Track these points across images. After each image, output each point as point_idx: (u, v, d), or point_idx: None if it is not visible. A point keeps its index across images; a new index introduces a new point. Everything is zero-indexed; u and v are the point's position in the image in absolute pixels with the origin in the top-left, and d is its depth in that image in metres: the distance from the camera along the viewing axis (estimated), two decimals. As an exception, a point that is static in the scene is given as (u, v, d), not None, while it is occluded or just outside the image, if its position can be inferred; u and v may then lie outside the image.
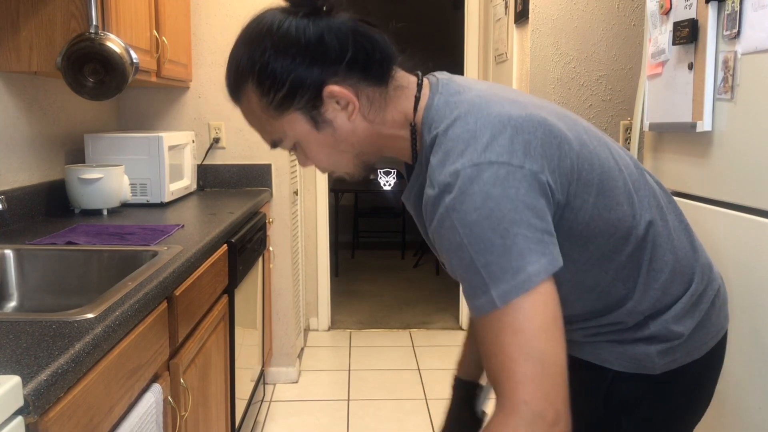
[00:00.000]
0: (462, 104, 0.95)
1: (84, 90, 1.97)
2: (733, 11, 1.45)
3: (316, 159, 1.02)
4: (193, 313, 1.72)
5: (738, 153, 1.47)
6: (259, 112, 0.98)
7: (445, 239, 0.88)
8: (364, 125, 0.98)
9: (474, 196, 0.85)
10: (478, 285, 0.86)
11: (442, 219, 0.88)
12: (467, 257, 0.86)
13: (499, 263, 0.84)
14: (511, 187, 0.86)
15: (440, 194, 0.88)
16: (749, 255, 1.43)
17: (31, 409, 0.87)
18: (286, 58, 0.94)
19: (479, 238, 0.85)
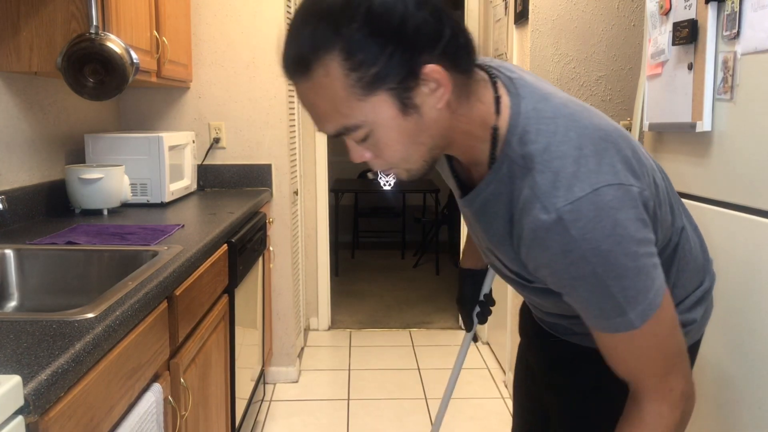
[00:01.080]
0: (556, 116, 0.92)
1: (84, 90, 1.97)
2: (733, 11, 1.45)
3: (390, 149, 0.89)
4: (194, 312, 1.72)
5: (738, 153, 1.48)
6: (339, 90, 0.83)
7: (572, 269, 0.86)
8: (447, 116, 0.89)
9: (603, 225, 0.84)
10: (612, 309, 0.88)
11: (567, 249, 0.85)
12: (600, 285, 0.86)
13: (634, 286, 0.87)
14: (630, 209, 0.87)
15: (559, 222, 0.84)
16: (749, 255, 1.43)
17: (31, 409, 0.87)
18: (387, 28, 0.81)
19: (614, 265, 0.85)
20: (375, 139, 0.88)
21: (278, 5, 3.05)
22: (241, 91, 3.08)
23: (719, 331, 1.53)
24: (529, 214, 0.88)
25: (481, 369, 3.43)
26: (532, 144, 0.90)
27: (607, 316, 0.89)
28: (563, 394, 1.21)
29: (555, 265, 0.88)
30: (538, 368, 1.30)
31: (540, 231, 0.86)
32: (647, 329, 0.89)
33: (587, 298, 0.89)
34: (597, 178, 0.86)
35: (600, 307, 0.89)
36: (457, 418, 2.89)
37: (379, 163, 0.92)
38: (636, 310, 0.88)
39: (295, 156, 3.40)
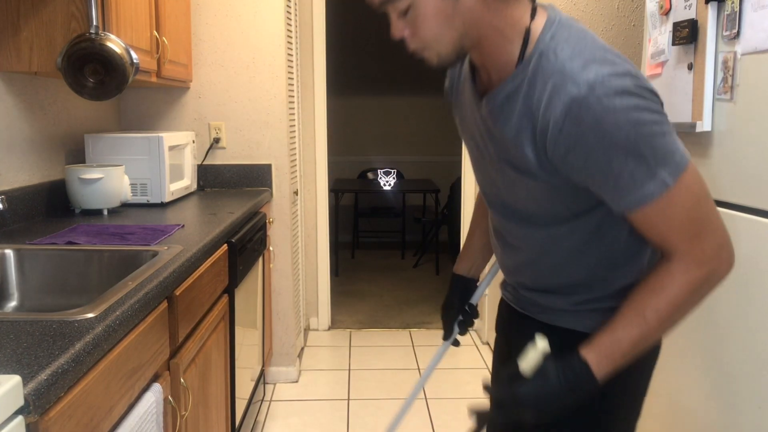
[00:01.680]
0: (587, 32, 1.03)
1: (84, 90, 1.97)
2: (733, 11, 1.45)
3: (426, 26, 1.01)
4: (194, 312, 1.72)
5: (737, 153, 1.47)
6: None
7: (605, 139, 0.94)
8: (483, 8, 1.00)
9: (631, 95, 0.94)
10: (644, 173, 0.96)
11: (600, 118, 0.93)
12: (633, 149, 0.94)
13: (663, 147, 0.96)
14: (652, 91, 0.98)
15: (591, 93, 0.93)
16: (749, 255, 1.43)
17: (31, 409, 0.87)
18: None
19: (643, 129, 0.95)
20: (414, 14, 1.00)
21: (278, 5, 3.05)
22: (241, 91, 3.08)
23: (719, 330, 1.53)
24: (559, 94, 0.95)
25: (482, 369, 3.44)
26: (564, 42, 0.99)
27: (641, 183, 0.96)
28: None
29: (588, 139, 0.95)
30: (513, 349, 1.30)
31: (573, 105, 0.94)
32: (678, 190, 0.97)
33: (620, 170, 0.96)
34: (623, 66, 0.97)
35: (633, 176, 0.96)
36: (457, 419, 2.89)
37: (414, 42, 1.04)
38: (667, 169, 0.96)
39: (295, 156, 3.40)
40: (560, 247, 1.14)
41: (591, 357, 1.03)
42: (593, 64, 0.95)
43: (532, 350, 1.08)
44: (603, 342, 1.04)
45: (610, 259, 1.13)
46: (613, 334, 1.03)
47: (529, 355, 1.08)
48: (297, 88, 3.48)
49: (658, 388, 1.83)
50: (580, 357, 1.03)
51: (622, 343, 1.03)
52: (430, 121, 6.41)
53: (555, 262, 1.16)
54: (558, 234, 1.13)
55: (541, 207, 1.11)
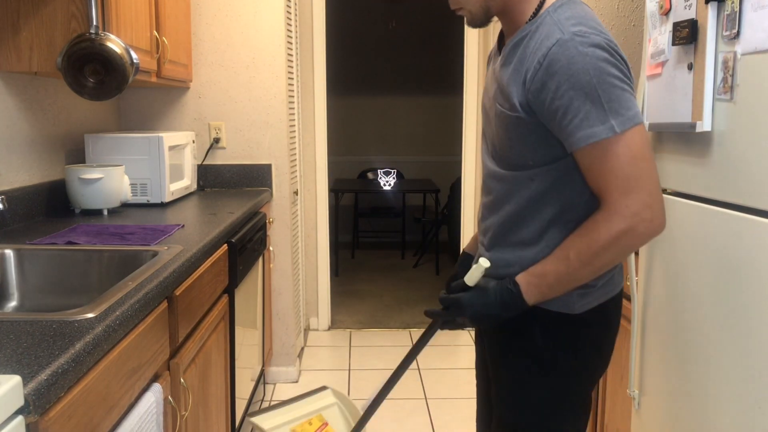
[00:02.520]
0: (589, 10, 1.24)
1: (84, 90, 1.97)
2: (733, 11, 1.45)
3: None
4: (194, 312, 1.72)
5: (738, 153, 1.48)
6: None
7: (572, 79, 1.11)
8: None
9: (603, 50, 1.12)
10: (597, 116, 1.11)
11: (573, 61, 1.11)
12: (592, 93, 1.10)
13: (619, 100, 1.11)
14: (621, 55, 1.16)
15: (571, 39, 1.12)
16: (749, 255, 1.43)
17: (31, 409, 0.87)
18: None
19: (606, 79, 1.10)
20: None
21: (278, 5, 3.05)
22: (241, 91, 3.08)
23: (719, 330, 1.53)
24: (548, 38, 1.14)
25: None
26: (567, 9, 1.19)
27: (592, 123, 1.11)
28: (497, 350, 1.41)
29: (559, 76, 1.12)
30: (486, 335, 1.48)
31: (554, 47, 1.13)
32: (622, 141, 1.11)
33: (578, 109, 1.11)
34: (607, 35, 1.15)
35: (588, 116, 1.11)
36: (457, 419, 2.89)
37: (453, 2, 1.29)
38: (617, 120, 1.11)
39: (295, 156, 3.40)
40: (521, 194, 1.28)
41: (522, 281, 1.23)
42: (582, 24, 1.14)
43: (476, 268, 1.28)
44: (534, 272, 1.23)
45: (563, 218, 1.26)
46: (543, 267, 1.22)
47: (473, 271, 1.28)
48: (297, 88, 3.48)
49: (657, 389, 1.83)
50: (512, 279, 1.24)
51: (548, 276, 1.21)
52: (430, 121, 6.41)
53: (514, 210, 1.30)
54: (521, 178, 1.27)
55: (514, 147, 1.26)
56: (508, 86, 1.22)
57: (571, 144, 1.16)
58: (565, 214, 1.26)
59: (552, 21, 1.17)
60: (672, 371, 1.76)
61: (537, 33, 1.19)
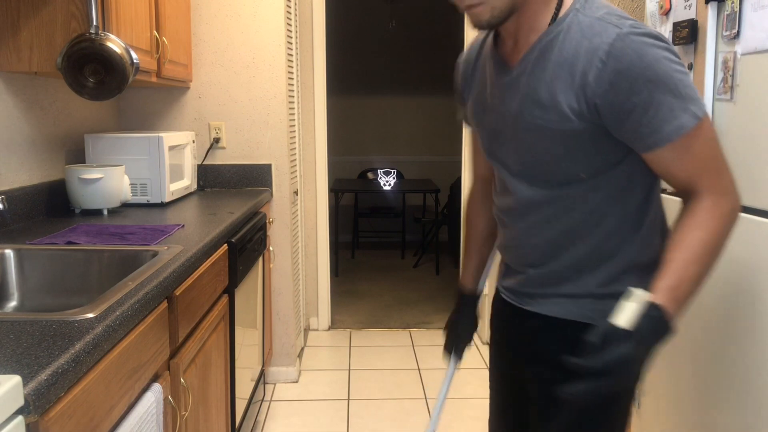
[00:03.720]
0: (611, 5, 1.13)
1: (84, 90, 1.97)
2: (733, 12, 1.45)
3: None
4: (194, 312, 1.72)
5: (738, 153, 1.48)
6: None
7: (648, 71, 1.02)
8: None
9: (662, 43, 1.05)
10: (680, 106, 1.04)
11: (643, 52, 1.03)
12: (670, 82, 1.03)
13: (690, 86, 1.05)
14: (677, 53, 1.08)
15: (632, 31, 1.04)
16: (749, 255, 1.43)
17: (31, 409, 0.87)
18: None
19: (677, 68, 1.04)
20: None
21: (278, 5, 3.05)
22: (241, 91, 3.08)
23: (719, 331, 1.53)
24: (601, 36, 1.04)
25: (482, 369, 3.44)
26: (595, 6, 1.09)
27: (677, 114, 1.04)
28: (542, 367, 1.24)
29: (632, 71, 1.03)
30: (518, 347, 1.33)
31: (617, 42, 1.03)
32: (704, 126, 1.06)
33: (660, 102, 1.03)
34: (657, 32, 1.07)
35: (671, 108, 1.03)
36: (457, 419, 2.89)
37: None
38: (695, 106, 1.05)
39: (295, 156, 3.40)
40: (574, 209, 1.17)
41: (665, 302, 1.02)
42: (626, 18, 1.06)
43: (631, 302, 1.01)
44: (669, 284, 1.04)
45: (619, 229, 1.17)
46: (674, 277, 1.04)
47: (628, 307, 1.00)
48: (297, 88, 3.48)
49: (658, 389, 1.83)
50: (658, 305, 1.01)
51: (683, 283, 1.04)
52: (430, 121, 6.41)
53: (567, 228, 1.18)
54: (574, 194, 1.16)
55: (561, 163, 1.14)
56: (552, 97, 1.09)
57: (657, 141, 1.06)
58: (624, 220, 1.17)
59: (591, 20, 1.07)
60: (672, 371, 1.76)
61: (573, 33, 1.08)
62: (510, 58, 1.17)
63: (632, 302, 1.00)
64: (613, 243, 1.18)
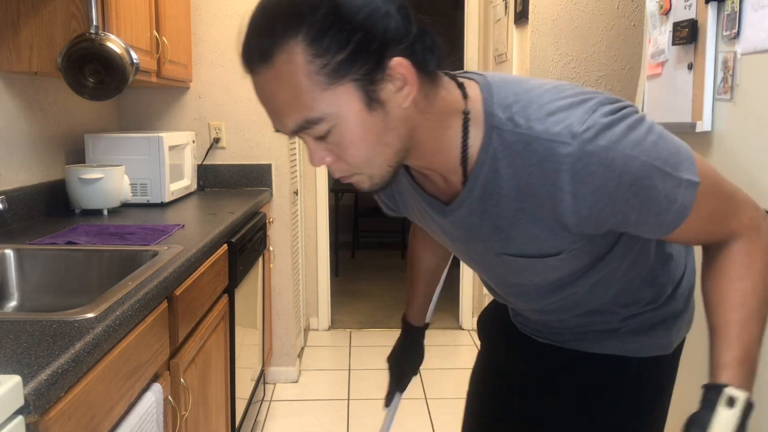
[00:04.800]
0: (525, 78, 0.93)
1: (84, 90, 1.97)
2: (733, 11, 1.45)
3: (354, 149, 0.83)
4: (194, 312, 1.72)
5: (737, 153, 1.47)
6: (302, 78, 0.78)
7: (624, 176, 0.84)
8: (414, 114, 0.85)
9: (619, 123, 0.85)
10: (671, 186, 0.86)
11: (609, 159, 0.83)
12: (654, 170, 0.85)
13: (668, 150, 0.87)
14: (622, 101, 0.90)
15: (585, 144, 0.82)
16: (749, 255, 1.43)
17: (31, 409, 0.87)
18: (356, 17, 0.78)
19: (648, 146, 0.85)
20: (338, 135, 0.82)
21: (278, 5, 3.04)
22: (241, 91, 3.07)
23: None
24: (551, 162, 0.84)
25: (481, 369, 3.43)
26: (515, 105, 0.87)
27: (672, 197, 0.87)
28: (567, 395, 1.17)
29: (608, 187, 0.84)
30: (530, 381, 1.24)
31: (574, 165, 0.83)
32: (703, 182, 0.89)
33: (652, 196, 0.86)
34: (583, 96, 0.88)
35: (666, 194, 0.87)
36: (457, 419, 2.89)
37: (340, 167, 0.86)
38: (684, 169, 0.88)
39: (295, 156, 3.40)
40: (595, 287, 1.05)
41: (737, 377, 0.87)
42: (559, 113, 0.85)
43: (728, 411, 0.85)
44: (737, 360, 0.88)
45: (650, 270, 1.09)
46: (739, 346, 0.88)
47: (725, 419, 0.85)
48: (297, 88, 3.47)
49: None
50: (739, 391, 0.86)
51: (752, 350, 0.89)
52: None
53: (592, 300, 1.08)
54: (589, 280, 1.04)
55: (563, 270, 1.01)
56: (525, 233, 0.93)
57: (663, 232, 0.92)
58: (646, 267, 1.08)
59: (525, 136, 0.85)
60: (672, 371, 1.76)
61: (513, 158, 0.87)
62: (443, 193, 0.98)
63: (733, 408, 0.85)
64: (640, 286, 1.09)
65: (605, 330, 1.12)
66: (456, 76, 0.92)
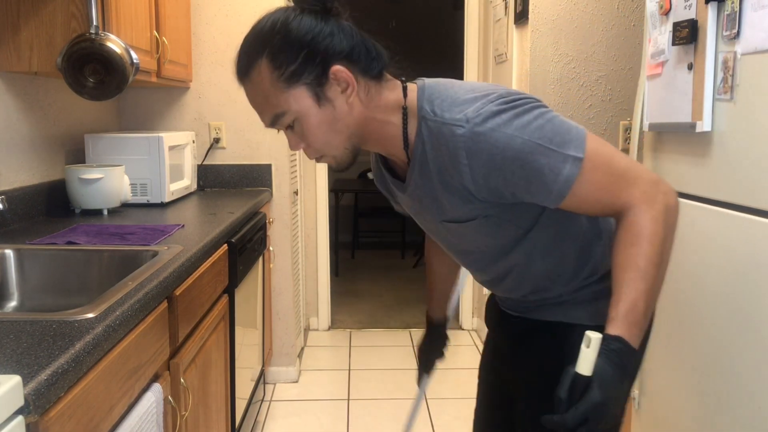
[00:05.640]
0: (457, 81, 1.16)
1: (84, 90, 1.97)
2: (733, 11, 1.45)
3: (312, 135, 1.11)
4: (194, 312, 1.72)
5: (737, 153, 1.48)
6: (268, 85, 1.09)
7: (508, 152, 1.04)
8: (360, 108, 1.11)
9: (506, 107, 1.05)
10: (556, 161, 1.04)
11: (495, 140, 1.03)
12: (537, 148, 1.03)
13: (556, 131, 1.05)
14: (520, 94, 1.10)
15: (475, 126, 1.04)
16: (749, 255, 1.43)
17: (31, 409, 0.87)
18: (302, 39, 1.07)
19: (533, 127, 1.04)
20: (300, 126, 1.10)
21: (278, 5, 3.04)
22: (241, 92, 3.03)
23: (719, 331, 1.53)
24: (453, 141, 1.06)
25: (481, 369, 3.43)
26: (436, 99, 1.10)
27: (557, 170, 1.04)
28: (528, 368, 1.29)
29: (495, 162, 1.04)
30: (506, 349, 1.39)
31: (466, 143, 1.05)
32: (591, 158, 1.05)
33: (536, 169, 1.04)
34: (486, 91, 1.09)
35: (550, 167, 1.04)
36: (457, 418, 2.89)
37: (309, 151, 1.14)
38: (571, 147, 1.04)
39: (295, 156, 3.40)
40: (532, 257, 1.21)
41: (622, 331, 1.01)
42: (463, 105, 1.07)
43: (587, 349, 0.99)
44: (622, 312, 1.02)
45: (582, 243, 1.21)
46: (626, 301, 1.03)
47: (588, 355, 0.99)
48: (297, 88, 3.47)
49: (658, 389, 1.83)
50: (615, 337, 1.01)
51: (638, 304, 1.03)
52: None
53: (534, 270, 1.22)
54: (524, 249, 1.20)
55: (497, 238, 1.19)
56: (449, 202, 1.14)
57: (553, 201, 1.08)
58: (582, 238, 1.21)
59: (438, 123, 1.08)
60: (671, 371, 1.76)
61: (434, 142, 1.10)
62: (401, 170, 1.22)
63: (589, 347, 0.99)
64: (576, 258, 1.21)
65: (557, 302, 1.25)
66: (404, 81, 1.16)
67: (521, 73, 2.96)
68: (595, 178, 1.06)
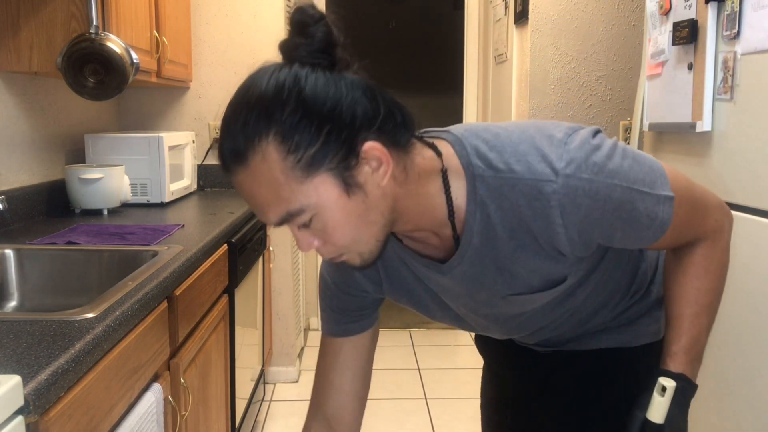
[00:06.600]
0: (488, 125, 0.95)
1: (84, 90, 1.97)
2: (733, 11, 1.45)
3: (339, 232, 0.86)
4: (194, 312, 1.72)
5: (737, 153, 1.48)
6: (278, 174, 0.81)
7: (608, 203, 0.88)
8: (394, 188, 0.87)
9: (590, 150, 0.88)
10: (651, 205, 0.91)
11: (593, 191, 0.86)
12: (631, 194, 0.89)
13: (641, 169, 0.91)
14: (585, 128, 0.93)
15: (567, 179, 0.86)
16: (749, 255, 1.43)
17: (31, 409, 0.87)
18: (321, 109, 0.81)
19: (623, 170, 0.89)
20: (321, 222, 0.84)
21: (278, 5, 3.04)
22: (241, 91, 3.07)
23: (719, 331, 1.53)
24: (540, 200, 0.87)
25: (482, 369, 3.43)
26: (489, 152, 0.90)
27: (653, 214, 0.92)
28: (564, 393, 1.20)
29: (595, 213, 0.88)
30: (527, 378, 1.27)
31: (564, 200, 0.86)
32: (677, 192, 0.94)
33: (635, 216, 0.91)
34: (553, 130, 0.91)
35: (647, 213, 0.91)
36: (457, 419, 2.89)
37: (328, 250, 0.88)
38: (659, 185, 0.92)
39: (295, 156, 3.40)
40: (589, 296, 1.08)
41: (684, 368, 0.99)
42: (536, 153, 0.88)
43: (662, 398, 0.97)
44: (684, 347, 0.99)
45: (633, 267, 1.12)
46: (689, 336, 1.00)
47: (659, 403, 0.97)
48: (297, 88, 3.48)
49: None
50: (679, 375, 0.98)
51: (700, 339, 1.01)
52: (430, 121, 6.37)
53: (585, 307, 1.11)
54: (584, 291, 1.07)
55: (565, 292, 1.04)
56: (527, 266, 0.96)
57: (645, 244, 0.98)
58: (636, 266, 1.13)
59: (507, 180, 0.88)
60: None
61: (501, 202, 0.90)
62: (438, 251, 0.99)
63: (664, 396, 0.97)
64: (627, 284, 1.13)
65: (600, 330, 1.15)
66: (424, 138, 0.95)
67: (521, 73, 2.96)
68: (681, 212, 0.95)
